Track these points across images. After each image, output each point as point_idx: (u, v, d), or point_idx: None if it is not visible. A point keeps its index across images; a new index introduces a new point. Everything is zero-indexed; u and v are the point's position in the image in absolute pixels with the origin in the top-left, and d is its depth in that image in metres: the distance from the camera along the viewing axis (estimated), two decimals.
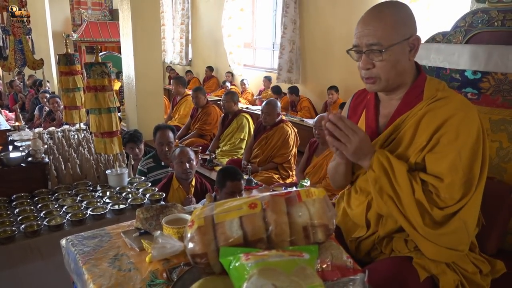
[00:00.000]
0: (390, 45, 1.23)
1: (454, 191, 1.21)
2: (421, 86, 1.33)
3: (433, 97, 1.29)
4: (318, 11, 6.80)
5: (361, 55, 1.30)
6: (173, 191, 2.79)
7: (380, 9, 1.27)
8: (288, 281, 0.78)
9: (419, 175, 1.26)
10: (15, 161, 2.35)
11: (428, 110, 1.27)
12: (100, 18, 11.21)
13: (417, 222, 1.22)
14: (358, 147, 1.24)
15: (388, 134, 1.35)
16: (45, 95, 5.93)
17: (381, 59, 1.26)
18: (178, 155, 2.79)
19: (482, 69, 1.83)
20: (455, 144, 1.22)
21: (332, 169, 1.53)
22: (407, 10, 1.30)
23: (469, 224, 1.23)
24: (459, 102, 1.27)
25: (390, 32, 1.23)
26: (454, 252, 1.24)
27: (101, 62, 2.34)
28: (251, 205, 1.02)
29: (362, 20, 1.29)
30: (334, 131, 1.25)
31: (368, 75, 1.31)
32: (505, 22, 1.87)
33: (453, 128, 1.22)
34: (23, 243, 1.92)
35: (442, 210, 1.21)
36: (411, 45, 1.27)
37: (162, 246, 1.15)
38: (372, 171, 1.28)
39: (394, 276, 1.21)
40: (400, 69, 1.29)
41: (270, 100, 4.08)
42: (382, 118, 1.42)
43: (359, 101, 1.54)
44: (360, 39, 1.28)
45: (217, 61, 9.69)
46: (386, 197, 1.27)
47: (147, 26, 4.52)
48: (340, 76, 6.34)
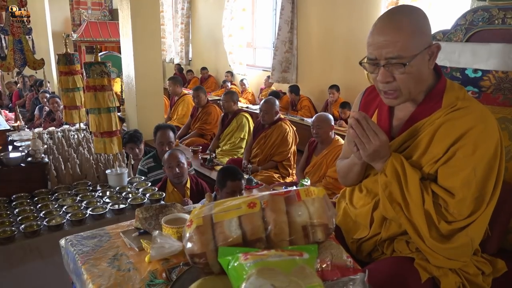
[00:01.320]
0: (412, 56, 1.16)
1: (464, 207, 1.18)
2: (440, 93, 1.27)
3: (452, 106, 1.23)
4: (316, 11, 6.79)
5: (378, 67, 1.21)
6: (168, 194, 2.79)
7: (397, 17, 1.18)
8: (287, 281, 0.77)
9: (431, 186, 1.22)
10: (14, 161, 2.34)
11: (446, 119, 1.22)
12: (99, 18, 11.21)
13: (424, 233, 1.20)
14: (376, 150, 1.21)
15: (402, 140, 1.30)
16: (45, 95, 5.93)
17: (403, 72, 1.18)
18: (167, 160, 2.78)
19: (483, 68, 1.82)
20: (471, 159, 1.17)
21: (344, 168, 1.48)
22: (424, 16, 1.23)
23: (475, 240, 1.21)
24: (479, 113, 1.21)
25: (411, 42, 1.15)
26: (456, 262, 1.24)
27: (100, 62, 2.33)
28: (250, 204, 1.01)
29: (377, 30, 1.19)
30: (357, 128, 1.21)
31: (388, 88, 1.23)
32: (505, 20, 1.86)
33: (470, 141, 1.17)
34: (23, 243, 1.92)
35: (450, 225, 1.19)
36: (430, 53, 1.21)
37: (160, 246, 1.15)
38: (384, 175, 1.25)
39: (395, 276, 1.21)
40: (421, 79, 1.23)
41: (268, 99, 4.08)
42: (396, 121, 1.36)
43: (372, 98, 1.46)
44: (378, 51, 1.18)
45: (217, 61, 9.69)
46: (395, 203, 1.24)
47: (147, 25, 4.51)
48: (340, 75, 6.33)
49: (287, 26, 7.05)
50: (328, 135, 3.43)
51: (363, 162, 1.33)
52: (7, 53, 3.05)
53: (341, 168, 1.51)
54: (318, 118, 3.47)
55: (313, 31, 6.92)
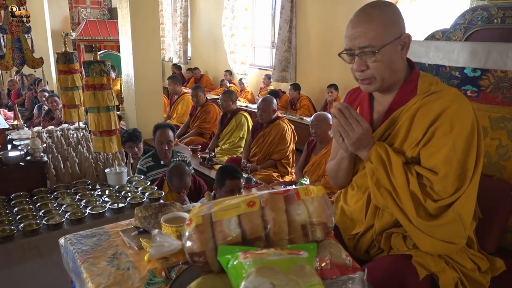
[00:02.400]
0: (382, 45, 1.24)
1: (448, 183, 1.22)
2: (414, 81, 1.35)
3: (426, 91, 1.31)
4: (315, 10, 6.79)
5: (354, 57, 1.30)
6: (166, 193, 2.77)
7: (368, 10, 1.28)
8: (286, 279, 0.77)
9: (414, 168, 1.27)
10: (13, 160, 2.34)
11: (422, 104, 1.29)
12: (99, 17, 11.19)
13: (411, 214, 1.23)
14: (359, 138, 1.27)
15: (383, 130, 1.36)
16: (44, 94, 5.92)
17: (374, 60, 1.27)
18: (173, 175, 2.75)
19: (482, 67, 1.82)
20: (450, 136, 1.23)
21: (333, 166, 1.53)
22: (395, 9, 1.31)
23: (464, 216, 1.23)
24: (452, 95, 1.28)
25: (381, 32, 1.24)
26: (450, 245, 1.24)
27: (99, 61, 2.33)
28: (249, 203, 1.01)
29: (351, 23, 1.30)
30: (340, 118, 1.27)
31: (363, 76, 1.32)
32: (504, 19, 1.86)
33: (447, 120, 1.23)
34: (22, 242, 1.92)
35: (436, 202, 1.22)
36: (402, 43, 1.29)
37: (160, 244, 1.15)
38: (370, 162, 1.30)
39: (393, 274, 1.21)
40: (394, 68, 1.30)
41: (266, 97, 4.09)
42: (376, 115, 1.43)
43: (353, 98, 1.55)
44: (352, 41, 1.28)
45: (216, 60, 9.68)
46: (382, 188, 1.29)
47: (146, 24, 4.51)
48: (339, 74, 6.33)
49: (286, 25, 7.05)
50: (327, 134, 3.43)
51: (350, 155, 1.40)
52: (6, 52, 3.04)
53: (331, 168, 1.56)
54: (317, 117, 3.48)
55: (312, 30, 6.92)
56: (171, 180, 2.75)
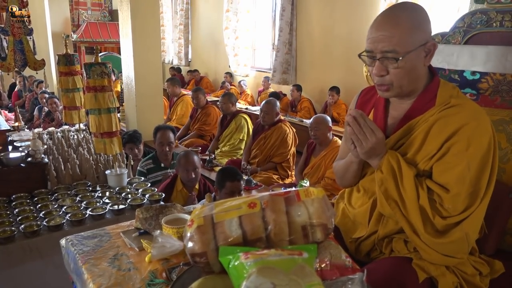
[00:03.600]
0: (406, 52, 1.18)
1: (458, 202, 1.19)
2: (434, 91, 1.29)
3: (446, 103, 1.26)
4: (315, 13, 6.81)
5: (374, 60, 1.24)
6: (177, 192, 2.79)
7: (396, 13, 1.21)
8: (287, 279, 0.78)
9: (426, 182, 1.24)
10: (14, 161, 2.35)
11: (440, 117, 1.24)
12: (99, 19, 11.20)
13: (418, 229, 1.21)
14: (372, 147, 1.23)
15: (397, 138, 1.32)
16: (44, 95, 5.92)
17: (396, 67, 1.21)
18: (184, 164, 2.73)
19: (481, 70, 1.83)
20: (465, 155, 1.19)
21: (341, 167, 1.49)
22: (424, 13, 1.24)
23: (470, 235, 1.21)
24: (472, 111, 1.23)
25: (407, 38, 1.18)
26: (453, 259, 1.24)
27: (100, 63, 2.34)
28: (250, 204, 1.02)
29: (376, 24, 1.23)
30: (354, 126, 1.23)
31: (381, 82, 1.26)
32: (503, 22, 1.87)
33: (464, 137, 1.19)
34: (23, 243, 1.92)
35: (445, 220, 1.20)
36: (427, 50, 1.23)
37: (161, 245, 1.15)
38: (380, 172, 1.27)
39: (393, 277, 1.21)
40: (415, 76, 1.26)
41: (270, 99, 4.09)
42: (391, 120, 1.38)
43: (368, 98, 1.49)
44: (374, 44, 1.22)
45: (217, 62, 9.70)
46: (390, 199, 1.26)
47: (146, 26, 4.52)
48: (340, 76, 6.35)
49: (287, 28, 7.07)
50: (326, 137, 3.44)
51: (360, 160, 1.35)
52: (8, 54, 3.05)
53: (339, 168, 1.52)
54: (316, 120, 3.48)
55: (312, 32, 6.93)
56: (179, 163, 2.76)
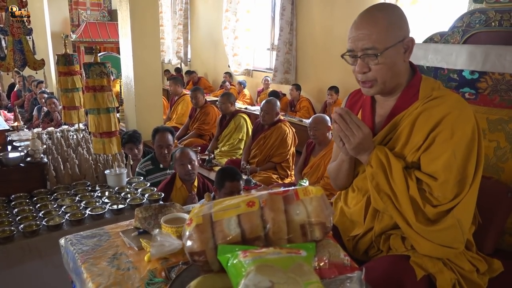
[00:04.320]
0: (385, 48, 1.24)
1: (447, 189, 1.22)
2: (416, 86, 1.35)
3: (428, 96, 1.31)
4: (315, 12, 6.81)
5: (356, 59, 1.30)
6: (176, 190, 2.81)
7: (372, 12, 1.28)
8: (285, 277, 0.78)
9: (414, 173, 1.27)
10: (14, 161, 2.35)
11: (424, 109, 1.29)
12: (98, 19, 11.20)
13: (410, 219, 1.24)
14: (360, 143, 1.27)
15: (385, 134, 1.36)
16: (43, 95, 5.92)
17: (377, 63, 1.26)
18: (179, 157, 2.80)
19: (480, 69, 1.84)
20: (450, 143, 1.23)
21: (334, 169, 1.53)
22: (399, 12, 1.30)
23: (463, 222, 1.23)
24: (454, 101, 1.28)
25: (385, 35, 1.24)
26: (449, 249, 1.25)
27: (100, 62, 2.34)
28: (249, 203, 1.02)
29: (355, 24, 1.29)
30: (340, 123, 1.28)
31: (365, 79, 1.31)
32: (502, 22, 1.88)
33: (448, 126, 1.24)
34: (22, 243, 1.92)
35: (435, 208, 1.22)
36: (405, 46, 1.28)
37: (160, 244, 1.15)
38: (370, 166, 1.31)
39: (391, 275, 1.22)
40: (396, 71, 1.30)
41: (270, 99, 4.10)
42: (378, 118, 1.43)
43: (355, 101, 1.55)
44: (355, 43, 1.28)
45: (216, 62, 9.70)
46: (382, 193, 1.29)
47: (146, 26, 4.52)
48: (339, 76, 6.35)
49: (287, 27, 7.07)
50: (325, 137, 3.44)
51: (350, 158, 1.40)
52: (7, 54, 3.05)
53: (332, 169, 1.57)
54: (315, 119, 3.49)
55: (312, 32, 6.93)
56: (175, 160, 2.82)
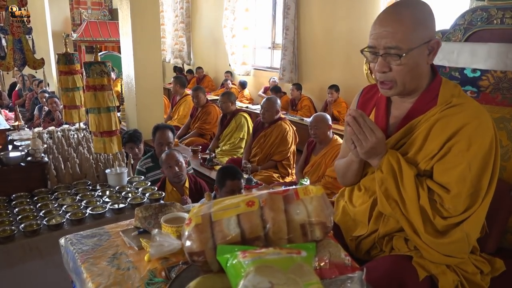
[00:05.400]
0: (410, 49, 1.18)
1: (459, 202, 1.19)
2: (436, 90, 1.29)
3: (447, 103, 1.25)
4: (316, 11, 6.80)
5: (377, 57, 1.23)
6: (168, 194, 2.79)
7: (399, 9, 1.20)
8: (285, 278, 0.77)
9: (426, 182, 1.23)
10: (14, 160, 2.35)
11: (442, 116, 1.23)
12: (99, 18, 11.21)
13: (419, 229, 1.21)
14: (372, 147, 1.23)
15: (399, 138, 1.32)
16: (45, 94, 5.93)
17: (399, 63, 1.20)
18: (166, 160, 2.77)
19: (481, 67, 1.82)
20: (466, 155, 1.18)
21: (342, 167, 1.49)
22: (428, 10, 1.23)
23: (471, 235, 1.21)
24: (473, 110, 1.22)
25: (410, 35, 1.17)
26: (454, 259, 1.23)
27: (100, 62, 2.34)
28: (248, 203, 1.01)
29: (379, 20, 1.22)
30: (353, 126, 1.23)
31: (384, 78, 1.25)
32: (504, 20, 1.86)
33: (465, 137, 1.19)
34: (23, 242, 1.93)
35: (445, 220, 1.19)
36: (430, 48, 1.22)
37: (160, 244, 1.15)
38: (380, 171, 1.27)
39: (393, 275, 1.21)
40: (417, 73, 1.25)
41: (271, 97, 4.10)
42: (392, 119, 1.37)
43: (369, 97, 1.48)
44: (378, 40, 1.21)
45: (217, 61, 9.69)
46: (391, 199, 1.26)
47: (146, 25, 4.51)
48: (340, 75, 6.34)
49: (293, 26, 7.04)
50: (326, 135, 3.43)
51: (360, 159, 1.35)
52: (7, 53, 3.05)
53: (340, 167, 1.52)
54: (315, 118, 3.48)
55: (313, 31, 6.92)
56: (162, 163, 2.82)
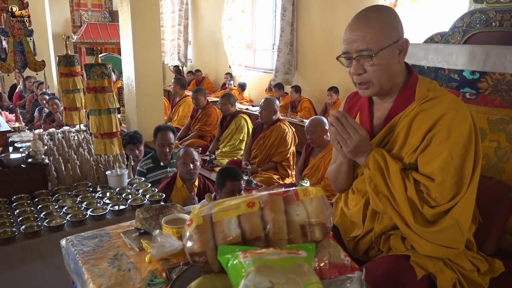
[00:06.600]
0: (380, 49, 1.25)
1: (445, 190, 1.22)
2: (412, 87, 1.35)
3: (424, 97, 1.31)
4: (316, 13, 6.81)
5: (351, 61, 1.31)
6: (177, 190, 2.81)
7: (366, 14, 1.29)
8: (285, 278, 0.78)
9: (412, 174, 1.27)
10: (15, 162, 2.35)
11: (420, 110, 1.29)
12: (100, 20, 11.20)
13: (409, 220, 1.24)
14: (357, 145, 1.27)
15: (382, 136, 1.37)
16: (45, 96, 5.93)
17: (371, 64, 1.27)
18: (182, 156, 2.80)
19: (480, 69, 1.83)
20: (447, 143, 1.23)
21: (333, 171, 1.54)
22: (393, 13, 1.31)
23: (462, 222, 1.23)
24: (450, 101, 1.28)
25: (379, 36, 1.25)
26: (448, 250, 1.25)
27: (100, 63, 2.34)
28: (249, 204, 1.02)
29: (349, 27, 1.30)
30: (337, 126, 1.28)
31: (360, 80, 1.32)
32: (502, 22, 1.87)
33: (444, 127, 1.24)
34: (23, 243, 1.93)
35: (433, 209, 1.22)
36: (400, 47, 1.29)
37: (161, 245, 1.16)
38: (367, 168, 1.31)
39: (391, 274, 1.22)
40: (391, 72, 1.31)
41: (269, 97, 4.11)
42: (376, 120, 1.43)
43: (353, 103, 1.55)
44: (349, 45, 1.29)
45: (217, 62, 9.70)
46: (380, 194, 1.30)
47: (146, 27, 4.53)
48: (340, 77, 6.34)
49: (288, 28, 7.06)
50: (323, 139, 3.42)
51: (348, 160, 1.40)
52: (8, 55, 3.06)
53: (331, 172, 1.57)
54: (311, 123, 3.45)
55: (313, 32, 6.93)
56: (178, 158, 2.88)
